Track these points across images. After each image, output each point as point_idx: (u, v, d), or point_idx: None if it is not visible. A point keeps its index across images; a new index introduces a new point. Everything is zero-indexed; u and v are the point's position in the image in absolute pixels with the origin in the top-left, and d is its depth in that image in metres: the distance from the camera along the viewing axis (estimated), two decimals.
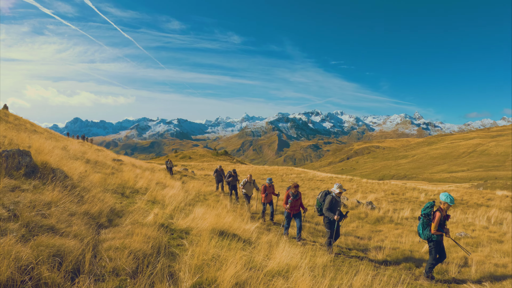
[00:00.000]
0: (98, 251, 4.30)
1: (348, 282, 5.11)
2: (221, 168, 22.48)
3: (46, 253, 3.66)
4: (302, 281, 4.36)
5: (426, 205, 8.01)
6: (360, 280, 5.27)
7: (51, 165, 7.72)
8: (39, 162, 7.51)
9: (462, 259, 9.28)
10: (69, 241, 4.08)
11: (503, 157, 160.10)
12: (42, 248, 3.71)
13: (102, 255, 4.17)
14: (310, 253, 7.14)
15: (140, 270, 3.99)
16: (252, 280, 4.29)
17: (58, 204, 5.39)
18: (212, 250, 5.10)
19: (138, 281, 3.77)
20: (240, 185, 15.90)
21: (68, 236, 4.31)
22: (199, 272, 4.26)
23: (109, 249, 4.34)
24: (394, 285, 5.39)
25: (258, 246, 6.47)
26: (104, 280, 3.72)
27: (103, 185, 9.33)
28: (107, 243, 4.58)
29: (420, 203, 22.93)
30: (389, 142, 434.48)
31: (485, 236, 12.49)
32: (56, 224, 4.54)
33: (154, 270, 4.02)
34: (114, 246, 4.43)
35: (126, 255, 4.16)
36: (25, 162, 6.97)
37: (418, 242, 10.97)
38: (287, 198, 10.90)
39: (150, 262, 4.23)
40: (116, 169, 15.26)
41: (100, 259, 4.11)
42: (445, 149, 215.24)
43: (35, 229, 4.22)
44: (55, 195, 5.70)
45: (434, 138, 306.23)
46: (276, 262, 5.28)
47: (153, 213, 6.92)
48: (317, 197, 10.09)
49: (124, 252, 4.23)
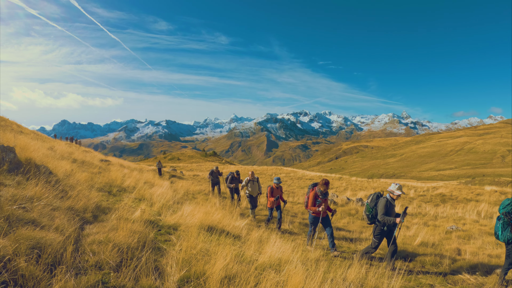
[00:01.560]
0: (81, 245, 4.12)
1: (342, 274, 4.98)
2: (217, 169, 19.71)
3: (25, 245, 3.50)
4: (294, 274, 4.20)
5: (506, 202, 6.85)
6: (354, 272, 5.14)
7: (36, 162, 7.55)
8: (23, 158, 7.34)
9: (455, 250, 9.27)
10: (50, 234, 3.90)
11: (490, 154, 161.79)
12: (22, 241, 3.52)
13: (85, 249, 4.00)
14: (302, 248, 7.01)
15: (124, 263, 3.81)
16: (243, 274, 4.13)
17: (41, 199, 5.20)
18: (201, 245, 4.94)
19: (122, 274, 3.60)
20: (242, 185, 13.89)
21: (49, 230, 4.12)
22: (186, 266, 4.10)
23: (93, 243, 4.16)
24: (390, 277, 5.27)
25: (248, 241, 6.33)
26: (86, 273, 3.55)
27: (90, 183, 9.12)
28: (91, 237, 4.40)
29: (409, 199, 23.00)
30: (377, 141, 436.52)
31: (476, 229, 12.58)
32: (37, 218, 4.35)
33: (139, 263, 3.84)
34: (98, 240, 4.25)
35: (110, 249, 3.99)
36: (8, 158, 6.80)
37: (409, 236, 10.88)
38: (315, 199, 9.05)
39: (135, 256, 4.05)
40: (103, 169, 15.02)
41: (83, 253, 3.93)
42: (433, 148, 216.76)
43: (15, 223, 4.03)
44: (38, 190, 5.50)
45: (422, 137, 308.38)
46: (267, 256, 5.13)
47: (140, 209, 6.74)
48: (367, 202, 8.10)
49: (108, 245, 4.05)
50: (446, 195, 24.37)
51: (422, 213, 16.87)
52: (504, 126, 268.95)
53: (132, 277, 3.62)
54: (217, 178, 19.48)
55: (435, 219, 15.20)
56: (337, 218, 14.42)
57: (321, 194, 9.01)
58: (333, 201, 18.15)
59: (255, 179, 13.92)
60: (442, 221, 14.57)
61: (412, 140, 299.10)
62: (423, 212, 17.14)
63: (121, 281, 3.51)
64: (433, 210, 17.78)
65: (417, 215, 16.27)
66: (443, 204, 20.78)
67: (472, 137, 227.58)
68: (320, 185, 9.04)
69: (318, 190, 9.03)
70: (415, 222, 14.18)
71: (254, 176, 13.72)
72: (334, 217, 14.69)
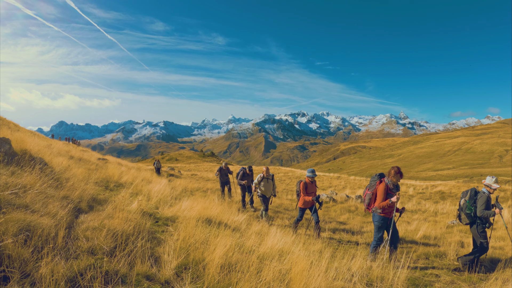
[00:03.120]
0: (74, 231, 3.96)
1: (345, 265, 4.84)
2: (226, 166, 17.22)
3: (15, 227, 3.35)
4: (298, 262, 4.04)
5: None
6: (358, 263, 5.01)
7: (32, 154, 7.44)
8: (18, 150, 7.25)
9: (458, 243, 9.21)
10: (42, 219, 3.76)
11: (488, 154, 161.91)
12: (11, 223, 3.37)
13: (78, 235, 3.84)
14: (303, 240, 6.87)
15: (118, 249, 3.66)
16: (243, 262, 3.98)
17: (35, 187, 5.05)
18: (199, 235, 4.79)
19: (116, 259, 3.45)
20: (254, 183, 11.97)
21: (41, 215, 3.96)
22: (184, 253, 3.95)
23: (87, 230, 4.01)
24: (396, 267, 5.13)
25: (248, 233, 6.19)
26: (77, 258, 3.38)
27: (86, 178, 8.96)
28: (85, 224, 4.25)
29: (409, 196, 22.98)
30: (375, 142, 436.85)
31: None
32: (30, 204, 4.21)
33: (134, 249, 3.69)
34: (92, 226, 4.11)
35: (104, 234, 3.84)
36: (4, 149, 6.69)
37: None
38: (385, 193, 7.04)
39: (130, 242, 3.89)
40: (100, 166, 14.86)
41: (76, 238, 3.78)
42: (431, 148, 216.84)
43: (7, 207, 3.87)
44: (32, 179, 5.37)
45: (419, 137, 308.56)
46: (268, 247, 5.00)
47: (137, 200, 6.58)
48: (464, 199, 7.28)
49: (102, 231, 3.91)
50: (445, 193, 24.37)
51: (422, 210, 16.80)
52: (501, 126, 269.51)
53: (127, 262, 3.48)
54: (227, 177, 17.23)
55: (435, 215, 15.12)
56: (337, 214, 14.29)
57: (394, 187, 7.13)
58: (332, 199, 17.99)
59: (270, 177, 12.24)
60: (443, 217, 14.50)
61: (409, 141, 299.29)
62: (423, 209, 17.07)
63: (114, 266, 3.37)
64: (432, 207, 17.70)
65: (417, 212, 16.20)
66: (443, 201, 20.74)
67: (470, 137, 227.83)
68: (391, 176, 7.07)
69: (389, 182, 7.10)
70: (415, 218, 14.08)
71: (269, 173, 11.97)
72: (333, 213, 14.57)
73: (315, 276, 3.67)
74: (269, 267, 3.91)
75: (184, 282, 3.44)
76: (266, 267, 3.89)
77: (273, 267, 3.94)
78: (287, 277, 3.77)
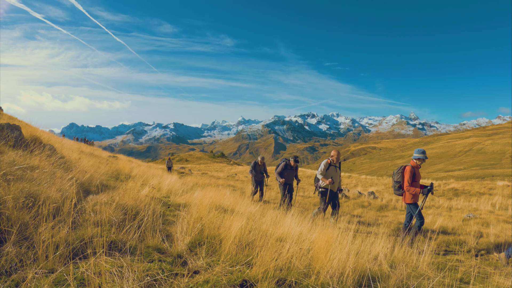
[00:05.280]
0: (82, 205, 3.78)
1: (367, 248, 4.62)
2: (263, 161, 13.66)
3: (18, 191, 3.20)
4: (318, 242, 3.82)
5: None
6: (379, 247, 4.80)
7: (41, 140, 7.35)
8: (29, 136, 7.22)
9: (477, 233, 9.04)
10: (48, 191, 3.58)
11: (499, 155, 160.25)
12: (14, 190, 3.21)
13: (86, 209, 3.69)
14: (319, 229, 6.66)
15: (128, 221, 3.48)
16: (261, 241, 3.77)
17: (44, 168, 4.88)
18: (213, 218, 4.59)
19: (125, 229, 3.26)
20: (318, 173, 8.67)
21: (48, 187, 3.79)
22: (198, 229, 3.75)
23: (95, 204, 3.85)
24: (420, 253, 4.90)
25: (262, 220, 6.00)
26: (83, 227, 3.21)
27: (96, 169, 8.83)
28: (94, 200, 4.08)
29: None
30: (385, 142, 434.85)
31: (492, 218, 12.41)
32: (37, 178, 4.03)
33: (144, 223, 3.50)
34: (101, 201, 3.92)
35: (113, 208, 3.65)
36: (14, 134, 6.61)
37: None
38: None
39: (140, 216, 3.69)
40: (111, 162, 14.82)
41: (84, 212, 3.61)
42: (441, 149, 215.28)
43: (12, 180, 3.70)
44: (41, 161, 5.24)
45: (430, 138, 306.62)
46: (285, 232, 4.79)
47: (148, 186, 6.41)
48: None
49: (112, 205, 3.72)
50: (458, 190, 24.05)
51: (436, 206, 16.51)
52: None
53: (136, 236, 3.29)
54: (262, 175, 13.61)
55: (450, 211, 14.85)
56: (350, 209, 14.07)
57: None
58: (345, 195, 17.78)
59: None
60: (457, 212, 14.25)
61: (420, 141, 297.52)
62: (437, 205, 16.78)
63: (122, 237, 3.19)
64: (446, 203, 17.42)
65: (430, 207, 15.91)
66: (456, 198, 20.47)
67: (481, 137, 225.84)
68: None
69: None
70: (429, 212, 13.83)
71: (339, 156, 8.91)
72: (347, 208, 14.36)
73: (337, 253, 3.46)
74: (288, 247, 3.71)
75: (198, 256, 3.25)
76: (285, 247, 3.69)
77: (292, 247, 3.74)
78: (309, 254, 3.57)
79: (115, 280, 2.51)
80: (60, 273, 2.56)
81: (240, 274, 2.92)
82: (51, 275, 2.52)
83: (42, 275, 2.50)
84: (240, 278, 2.85)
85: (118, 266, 2.72)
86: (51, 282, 2.45)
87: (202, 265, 3.07)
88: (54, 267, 2.64)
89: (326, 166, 8.67)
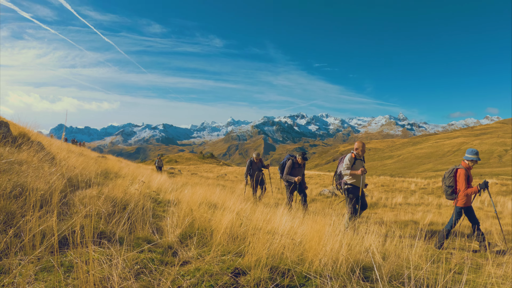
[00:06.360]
0: (70, 199, 3.73)
1: (359, 241, 4.63)
2: (259, 158, 12.12)
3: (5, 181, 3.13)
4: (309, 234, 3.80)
5: None
6: (370, 240, 4.81)
7: (29, 137, 7.29)
8: (17, 133, 7.16)
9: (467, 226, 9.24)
10: (37, 183, 3.52)
11: (488, 154, 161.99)
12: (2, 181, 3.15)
13: (74, 202, 3.62)
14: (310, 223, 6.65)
15: (118, 212, 3.44)
16: (252, 233, 3.75)
17: (32, 163, 4.82)
18: (203, 213, 4.55)
19: (114, 220, 3.22)
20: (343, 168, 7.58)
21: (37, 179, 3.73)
22: (189, 222, 3.72)
23: (84, 198, 3.80)
24: (411, 246, 4.92)
25: (253, 216, 5.97)
26: (72, 218, 3.16)
27: (85, 167, 8.75)
28: (83, 194, 4.02)
29: (411, 192, 22.89)
30: (374, 143, 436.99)
31: (482, 214, 12.72)
32: (25, 171, 3.97)
33: (134, 214, 3.46)
34: (90, 195, 3.87)
35: (102, 200, 3.61)
36: (2, 130, 6.54)
37: None
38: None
39: (130, 208, 3.65)
40: (100, 161, 14.68)
41: (73, 205, 3.55)
42: (430, 149, 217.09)
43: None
44: (29, 157, 5.16)
45: (418, 138, 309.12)
46: (276, 225, 4.77)
47: (138, 183, 6.35)
48: None
49: (100, 198, 3.67)
50: None
51: (425, 203, 16.66)
52: (500, 126, 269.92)
53: (126, 227, 3.26)
54: (261, 171, 12.03)
55: (439, 208, 15.04)
56: (340, 207, 14.10)
57: None
58: (334, 194, 17.83)
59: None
60: (446, 209, 14.45)
61: (409, 142, 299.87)
62: (426, 203, 16.93)
63: (111, 228, 3.15)
64: (436, 201, 17.60)
65: (420, 205, 16.08)
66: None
67: (469, 137, 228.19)
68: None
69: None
70: (419, 209, 13.96)
71: (364, 148, 7.79)
72: (337, 206, 14.38)
73: (330, 242, 3.45)
74: (279, 239, 3.69)
75: (189, 248, 3.22)
76: (277, 238, 3.67)
77: (284, 239, 3.72)
78: (302, 245, 3.56)
79: (104, 268, 2.48)
80: (47, 261, 2.52)
81: (232, 263, 2.91)
82: (38, 262, 2.49)
83: (28, 262, 2.46)
84: (232, 267, 2.84)
85: (107, 255, 2.69)
86: (38, 269, 2.42)
87: (193, 255, 3.05)
88: (40, 255, 2.60)
89: (352, 160, 7.64)
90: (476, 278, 3.86)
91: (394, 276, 3.22)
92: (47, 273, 2.41)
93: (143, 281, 2.53)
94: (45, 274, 2.40)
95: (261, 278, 2.70)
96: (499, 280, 3.74)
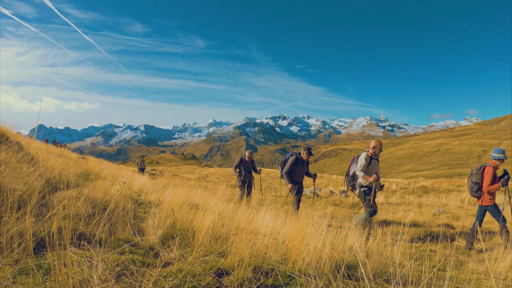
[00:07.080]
0: (49, 200, 3.64)
1: (341, 240, 4.64)
2: (250, 157, 11.70)
3: None
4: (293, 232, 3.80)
5: None
6: (353, 239, 4.82)
7: (8, 137, 7.14)
8: None
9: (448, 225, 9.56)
10: (15, 184, 3.42)
11: (467, 155, 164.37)
12: None
13: (53, 203, 3.54)
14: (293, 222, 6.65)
15: (98, 214, 3.37)
16: (234, 233, 3.72)
17: (10, 164, 4.69)
18: (185, 213, 4.50)
19: (94, 222, 3.16)
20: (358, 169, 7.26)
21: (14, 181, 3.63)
22: (170, 222, 3.67)
23: (63, 199, 3.70)
24: (392, 244, 4.95)
25: (236, 217, 5.94)
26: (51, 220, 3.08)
27: (65, 168, 8.60)
28: (62, 195, 3.93)
29: (392, 191, 23.08)
30: (355, 144, 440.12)
31: (462, 212, 12.89)
32: (3, 171, 3.86)
33: (115, 215, 3.40)
34: (69, 196, 3.78)
35: (82, 201, 3.53)
36: None
37: None
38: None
39: (110, 210, 3.59)
40: (80, 162, 14.47)
41: (52, 207, 3.46)
42: (410, 149, 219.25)
43: None
44: (8, 157, 5.03)
45: (399, 139, 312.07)
46: (258, 225, 4.75)
47: (119, 183, 6.26)
48: None
49: (80, 199, 3.59)
50: (428, 187, 24.64)
51: (406, 203, 16.86)
52: (479, 127, 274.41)
53: (106, 228, 3.20)
54: (250, 174, 11.51)
55: (420, 207, 15.24)
56: (322, 207, 14.16)
57: None
58: (316, 194, 17.92)
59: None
60: (427, 208, 14.65)
61: (390, 143, 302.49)
62: (407, 202, 17.15)
63: (91, 229, 3.08)
64: (416, 200, 17.87)
65: (401, 204, 16.26)
66: (426, 195, 21.02)
67: (449, 138, 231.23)
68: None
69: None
70: (400, 209, 14.08)
71: (382, 147, 7.49)
72: (318, 206, 14.44)
73: (313, 242, 3.45)
74: (262, 239, 3.67)
75: (171, 249, 3.18)
76: (260, 238, 3.65)
77: (267, 239, 3.70)
78: (284, 245, 3.55)
79: (84, 270, 2.43)
80: (25, 263, 2.46)
81: (215, 263, 2.88)
82: (16, 265, 2.43)
83: (5, 264, 2.39)
84: (215, 267, 2.81)
85: (87, 257, 2.64)
86: (16, 272, 2.36)
87: (176, 256, 3.01)
88: (18, 257, 2.53)
89: (368, 160, 7.29)
90: (459, 274, 3.91)
91: (378, 274, 3.24)
92: (25, 275, 2.36)
93: (124, 283, 2.49)
94: (23, 276, 2.35)
95: (244, 278, 2.69)
96: (481, 276, 3.79)
